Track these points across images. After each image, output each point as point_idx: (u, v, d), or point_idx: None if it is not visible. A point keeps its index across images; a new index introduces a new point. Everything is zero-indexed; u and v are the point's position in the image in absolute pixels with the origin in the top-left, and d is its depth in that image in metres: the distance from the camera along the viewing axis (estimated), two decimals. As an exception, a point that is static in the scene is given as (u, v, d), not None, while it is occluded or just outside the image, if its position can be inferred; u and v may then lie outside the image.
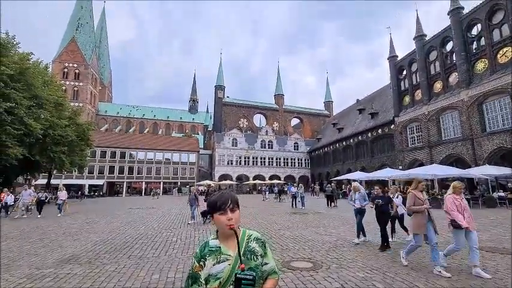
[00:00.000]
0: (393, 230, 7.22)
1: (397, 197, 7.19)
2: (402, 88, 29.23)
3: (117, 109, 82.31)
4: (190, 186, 14.96)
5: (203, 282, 1.16)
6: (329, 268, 4.75)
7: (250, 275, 1.09)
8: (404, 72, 28.93)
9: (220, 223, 1.21)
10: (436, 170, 18.42)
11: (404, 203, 6.81)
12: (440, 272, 4.25)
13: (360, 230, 7.00)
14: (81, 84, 68.61)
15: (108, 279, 4.29)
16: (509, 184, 17.69)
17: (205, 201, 13.23)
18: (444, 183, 22.26)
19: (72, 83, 67.57)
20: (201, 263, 1.18)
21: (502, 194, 16.03)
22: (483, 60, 20.71)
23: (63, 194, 15.07)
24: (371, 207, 6.81)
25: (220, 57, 65.49)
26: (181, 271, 4.68)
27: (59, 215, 14.18)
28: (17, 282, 4.17)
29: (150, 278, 4.36)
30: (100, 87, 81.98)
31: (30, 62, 20.95)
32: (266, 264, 1.26)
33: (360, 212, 7.16)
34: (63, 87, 39.78)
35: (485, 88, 19.78)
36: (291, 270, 4.67)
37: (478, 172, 17.35)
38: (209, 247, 1.22)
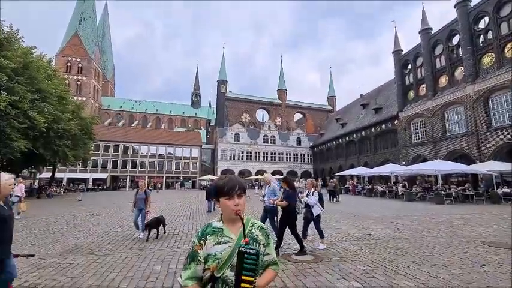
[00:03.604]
0: (304, 235, 5.84)
1: (312, 194, 5.82)
2: (407, 83, 28.87)
3: (120, 103, 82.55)
4: (137, 180, 7.15)
5: (202, 260, 1.16)
6: (330, 261, 4.75)
7: (254, 249, 1.06)
8: (409, 67, 28.56)
9: (226, 208, 1.20)
10: (440, 166, 18.28)
11: (321, 201, 5.97)
12: None
13: (275, 232, 5.55)
14: (84, 78, 68.72)
15: (110, 269, 4.33)
16: (514, 180, 17.51)
17: (206, 200, 12.99)
18: (448, 179, 22.15)
19: (75, 77, 67.69)
20: (202, 241, 1.18)
21: (507, 190, 15.85)
22: (490, 54, 20.31)
23: (18, 189, 10.57)
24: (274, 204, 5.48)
25: (222, 51, 64.11)
26: (183, 262, 4.69)
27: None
28: (21, 271, 4.20)
29: (152, 268, 4.39)
30: (103, 82, 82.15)
31: (34, 55, 21.00)
32: (268, 254, 1.25)
33: (269, 211, 5.66)
34: (67, 81, 39.81)
35: (491, 83, 19.44)
36: (292, 262, 4.67)
37: (483, 168, 17.18)
38: (212, 227, 1.23)
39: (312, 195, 5.81)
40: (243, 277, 1.03)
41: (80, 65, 69.29)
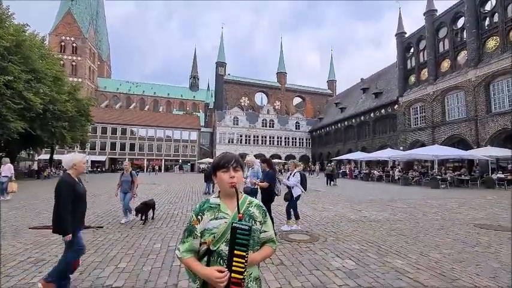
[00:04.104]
0: (296, 216, 5.92)
1: (293, 175, 5.80)
2: (408, 67, 28.46)
3: (117, 85, 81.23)
4: (136, 163, 6.41)
5: (199, 235, 1.18)
6: (326, 241, 4.88)
7: (246, 225, 1.08)
8: (412, 50, 28.02)
9: (222, 181, 1.22)
10: (437, 151, 18.41)
11: (304, 183, 5.92)
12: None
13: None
14: (79, 58, 67.15)
15: (112, 247, 4.44)
16: (509, 166, 17.72)
17: (205, 182, 13.16)
18: (444, 164, 22.39)
19: (70, 58, 66.15)
20: (199, 217, 1.21)
21: (501, 175, 16.09)
22: (494, 38, 19.91)
23: (6, 169, 10.29)
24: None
25: (221, 32, 62.14)
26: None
27: (1, 198, 9.89)
28: (24, 248, 4.31)
29: (152, 246, 4.50)
30: (98, 62, 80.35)
31: (26, 34, 20.35)
32: (265, 232, 1.27)
33: (249, 193, 5.25)
34: (61, 62, 38.83)
35: (494, 67, 19.19)
36: (288, 241, 4.80)
37: (480, 153, 17.33)
38: (209, 203, 1.25)
39: (293, 176, 5.79)
40: (236, 252, 1.06)
41: (74, 45, 67.48)
